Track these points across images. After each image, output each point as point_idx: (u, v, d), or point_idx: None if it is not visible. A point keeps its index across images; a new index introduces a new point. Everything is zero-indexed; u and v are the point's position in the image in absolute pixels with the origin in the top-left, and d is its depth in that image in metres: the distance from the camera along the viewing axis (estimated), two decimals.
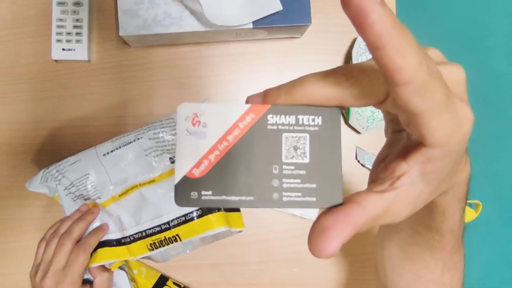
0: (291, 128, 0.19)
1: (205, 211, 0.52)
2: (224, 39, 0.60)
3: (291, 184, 0.18)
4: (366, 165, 0.60)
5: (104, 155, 0.53)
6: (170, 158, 0.53)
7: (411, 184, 0.18)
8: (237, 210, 0.56)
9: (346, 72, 0.18)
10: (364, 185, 0.20)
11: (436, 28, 0.58)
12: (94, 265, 0.51)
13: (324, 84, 0.18)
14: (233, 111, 0.18)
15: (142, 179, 0.53)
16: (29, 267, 0.57)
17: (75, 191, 0.53)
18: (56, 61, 0.58)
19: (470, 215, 0.54)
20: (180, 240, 0.53)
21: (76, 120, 0.58)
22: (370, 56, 0.57)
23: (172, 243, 0.54)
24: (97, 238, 0.52)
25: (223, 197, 0.18)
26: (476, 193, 0.53)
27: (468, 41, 0.51)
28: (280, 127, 0.18)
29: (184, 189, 0.18)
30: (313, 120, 0.19)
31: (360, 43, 0.58)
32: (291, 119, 0.18)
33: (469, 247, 0.54)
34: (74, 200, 0.53)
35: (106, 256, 0.53)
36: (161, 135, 0.54)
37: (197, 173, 0.18)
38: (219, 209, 0.53)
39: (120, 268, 0.56)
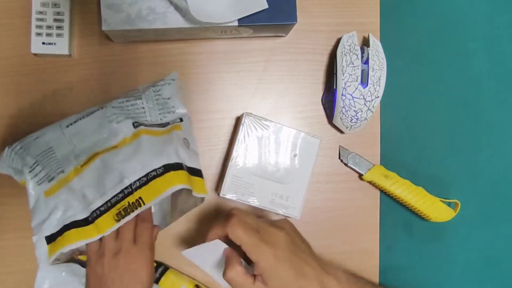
0: None
1: (167, 169, 0.49)
2: (209, 36, 0.59)
3: None
4: (349, 164, 0.61)
5: (68, 126, 0.51)
6: (134, 123, 0.52)
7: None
8: (200, 176, 0.53)
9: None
10: (346, 184, 0.19)
11: (419, 29, 0.59)
12: (63, 249, 0.47)
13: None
14: None
15: (105, 146, 0.51)
16: (6, 268, 0.55)
17: (39, 172, 0.50)
18: (35, 54, 0.56)
19: (449, 214, 0.55)
20: (144, 204, 0.49)
21: (56, 116, 0.56)
22: (354, 57, 0.57)
23: (137, 208, 0.49)
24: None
25: None
26: (455, 192, 0.54)
27: (450, 43, 0.52)
28: None
29: None
30: None
31: (345, 43, 0.59)
32: None
33: (448, 247, 0.55)
34: (39, 184, 0.50)
35: (74, 237, 0.48)
36: (125, 104, 0.52)
37: None
38: (181, 168, 0.50)
39: None
